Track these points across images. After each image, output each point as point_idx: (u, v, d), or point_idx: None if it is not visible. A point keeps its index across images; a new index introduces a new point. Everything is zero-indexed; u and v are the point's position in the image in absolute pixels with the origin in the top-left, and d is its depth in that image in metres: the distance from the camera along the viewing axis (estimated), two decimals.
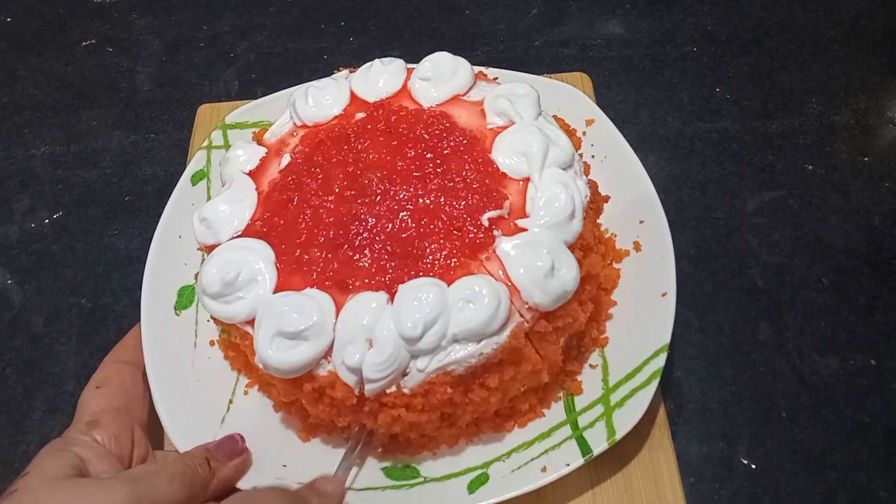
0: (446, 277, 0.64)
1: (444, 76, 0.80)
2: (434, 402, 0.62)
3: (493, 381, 0.63)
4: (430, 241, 0.68)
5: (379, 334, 0.60)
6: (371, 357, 0.60)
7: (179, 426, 0.71)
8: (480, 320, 0.60)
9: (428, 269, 0.66)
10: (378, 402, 0.63)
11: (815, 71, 1.07)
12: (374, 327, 0.61)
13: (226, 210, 0.72)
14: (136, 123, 1.07)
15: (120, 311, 0.90)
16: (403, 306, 0.60)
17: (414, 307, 0.60)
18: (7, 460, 0.80)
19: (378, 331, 0.60)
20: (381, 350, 0.60)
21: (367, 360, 0.60)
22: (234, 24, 1.18)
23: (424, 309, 0.60)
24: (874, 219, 0.91)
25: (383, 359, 0.60)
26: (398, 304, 0.61)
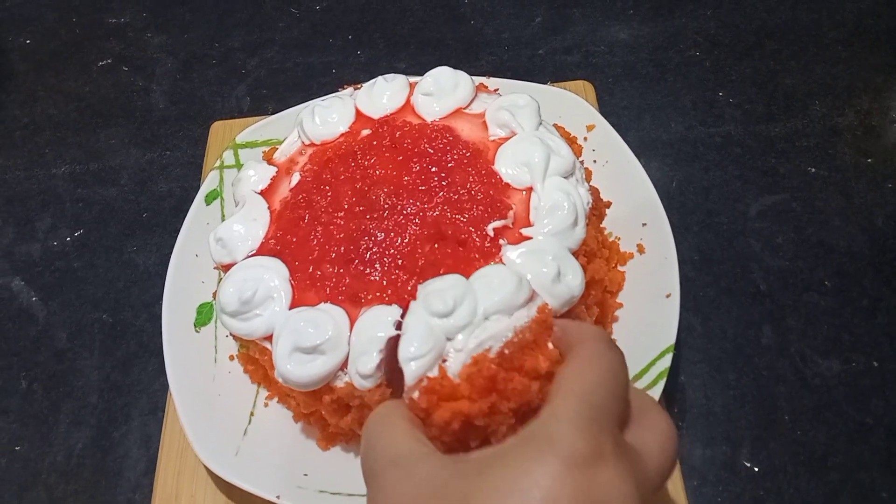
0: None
1: (445, 90, 0.82)
2: (481, 383, 0.55)
3: (531, 363, 0.57)
4: (438, 253, 0.70)
5: (407, 321, 0.59)
6: (404, 340, 0.58)
7: (203, 439, 0.74)
8: (508, 290, 0.59)
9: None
10: (428, 393, 0.56)
11: (818, 73, 1.08)
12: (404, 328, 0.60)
13: (240, 230, 0.75)
14: (152, 141, 1.10)
15: (140, 326, 0.93)
16: (429, 293, 0.59)
17: (438, 288, 0.59)
18: (35, 472, 0.84)
19: (406, 320, 0.60)
20: (413, 331, 0.58)
21: (402, 344, 0.58)
22: (245, 40, 1.21)
23: (450, 289, 0.59)
24: (877, 220, 0.92)
25: (418, 337, 0.58)
26: (422, 294, 0.60)
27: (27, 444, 0.85)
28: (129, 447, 0.85)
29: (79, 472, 0.83)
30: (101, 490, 0.82)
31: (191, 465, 0.79)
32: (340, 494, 0.72)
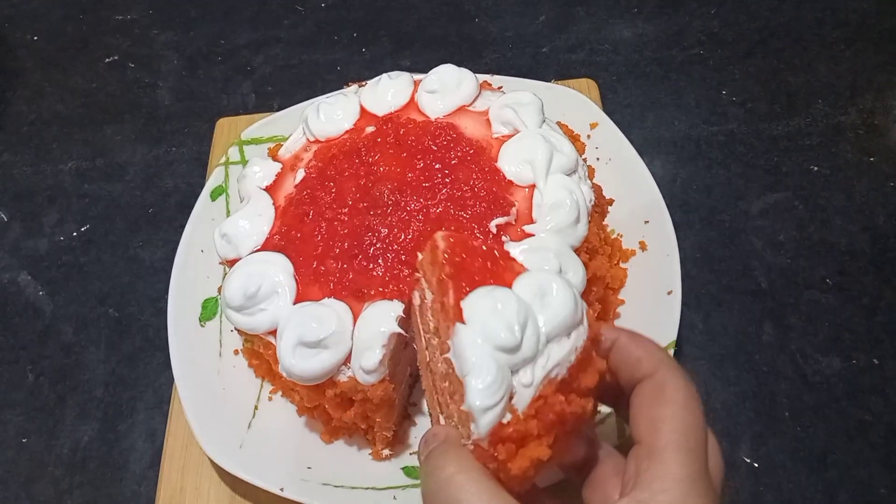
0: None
1: (449, 88, 0.83)
2: (551, 419, 0.50)
3: (587, 380, 0.52)
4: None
5: (469, 356, 0.49)
6: (473, 384, 0.48)
7: (208, 432, 0.75)
8: (568, 308, 0.52)
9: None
10: (505, 442, 0.48)
11: (822, 71, 1.08)
12: (460, 354, 0.50)
13: (245, 225, 0.76)
14: (158, 137, 1.11)
15: (146, 320, 0.94)
16: (486, 317, 0.50)
17: (498, 312, 0.50)
18: (41, 464, 0.85)
19: (466, 353, 0.49)
20: (481, 371, 0.48)
21: (471, 389, 0.48)
22: (251, 37, 1.22)
23: (510, 311, 0.50)
24: (879, 219, 0.93)
25: (490, 380, 0.48)
26: (476, 318, 0.50)
27: (34, 436, 0.86)
28: (134, 440, 0.85)
29: (85, 465, 0.84)
30: (106, 482, 0.83)
31: (196, 458, 0.80)
32: (343, 487, 0.73)
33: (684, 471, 0.44)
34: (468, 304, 0.51)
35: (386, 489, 0.73)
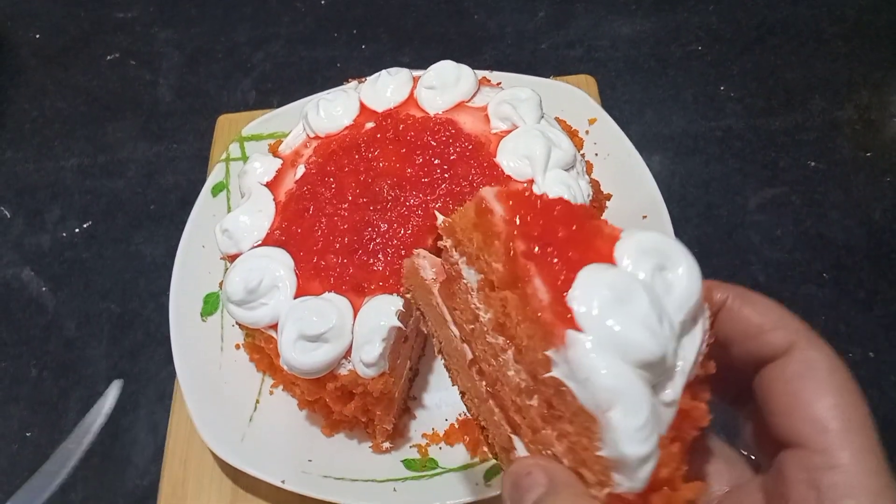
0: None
1: (448, 84, 0.83)
2: (690, 436, 0.39)
3: (708, 366, 0.41)
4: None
5: (607, 383, 0.36)
6: (624, 424, 0.36)
7: (210, 425, 0.76)
8: (697, 284, 0.40)
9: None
10: (660, 488, 0.38)
11: (819, 67, 1.09)
12: (588, 379, 0.36)
13: (246, 221, 0.76)
14: (159, 134, 1.12)
15: (147, 316, 0.95)
16: (613, 320, 0.37)
17: (627, 309, 0.37)
18: (45, 456, 0.85)
19: (601, 380, 0.36)
20: (632, 405, 0.36)
21: (621, 432, 0.36)
22: (251, 35, 1.22)
23: (642, 307, 0.38)
24: (875, 214, 0.93)
25: (644, 417, 0.36)
26: (597, 323, 0.37)
27: (38, 430, 0.87)
28: (137, 434, 0.86)
29: (88, 459, 0.85)
30: (109, 476, 0.84)
31: (198, 452, 0.81)
32: (344, 480, 0.74)
33: (878, 481, 0.35)
34: (578, 301, 0.37)
35: (386, 481, 0.74)
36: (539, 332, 0.38)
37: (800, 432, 0.37)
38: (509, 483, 0.40)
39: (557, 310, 0.37)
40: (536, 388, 0.41)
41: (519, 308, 0.40)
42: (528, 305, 0.39)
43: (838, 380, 0.38)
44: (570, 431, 0.38)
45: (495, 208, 0.41)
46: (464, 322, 0.47)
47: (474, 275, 0.45)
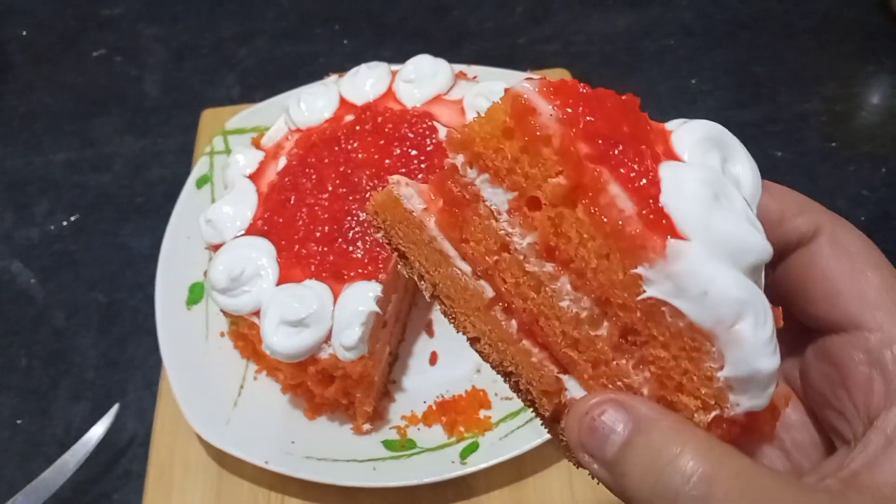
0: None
1: (425, 78, 0.86)
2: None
3: None
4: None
5: (731, 292, 0.32)
6: (753, 337, 0.32)
7: (196, 409, 0.78)
8: (758, 174, 0.37)
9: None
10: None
11: (788, 61, 1.12)
12: (706, 292, 0.32)
13: (229, 211, 0.79)
14: (145, 129, 1.14)
15: (135, 306, 0.97)
16: (713, 221, 0.33)
17: (723, 206, 0.33)
18: (36, 443, 0.88)
19: (725, 290, 0.32)
20: (757, 313, 0.32)
21: (751, 345, 0.32)
22: (235, 30, 1.25)
23: (736, 201, 0.34)
24: (839, 202, 0.97)
25: (771, 326, 0.33)
26: (700, 226, 0.32)
27: (28, 417, 0.89)
28: (125, 420, 0.88)
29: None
30: (99, 460, 0.86)
31: (184, 436, 0.83)
32: (326, 460, 0.76)
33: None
34: (676, 204, 0.33)
35: (367, 461, 0.77)
36: (622, 246, 0.33)
37: (850, 314, 0.36)
38: (581, 429, 0.35)
39: (650, 218, 0.32)
40: (608, 315, 0.36)
41: (585, 224, 0.35)
42: (603, 218, 0.34)
43: (875, 256, 0.37)
44: (664, 356, 0.34)
45: (540, 106, 0.35)
46: (482, 254, 0.40)
47: (503, 194, 0.38)
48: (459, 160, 0.39)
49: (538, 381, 0.39)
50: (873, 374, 0.35)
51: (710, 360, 0.33)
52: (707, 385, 0.33)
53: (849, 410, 0.36)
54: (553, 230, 0.36)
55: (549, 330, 0.38)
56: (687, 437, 0.32)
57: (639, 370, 0.36)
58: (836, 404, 0.37)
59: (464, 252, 0.41)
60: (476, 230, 0.40)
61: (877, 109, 1.06)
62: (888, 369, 0.34)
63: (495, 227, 0.39)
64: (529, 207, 0.37)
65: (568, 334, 0.37)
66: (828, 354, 0.37)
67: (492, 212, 0.39)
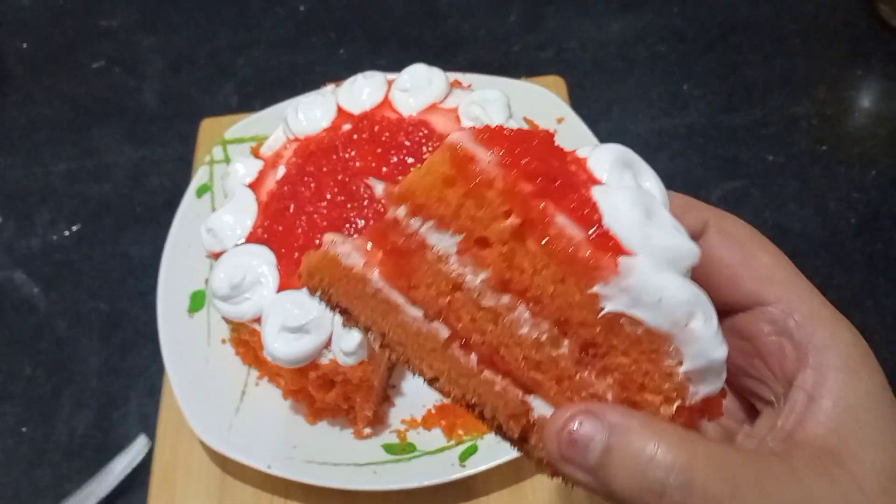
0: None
1: (421, 86, 0.88)
2: None
3: None
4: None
5: (677, 295, 0.35)
6: (704, 331, 0.36)
7: (198, 415, 0.80)
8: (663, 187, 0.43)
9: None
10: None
11: (778, 65, 1.14)
12: (661, 299, 0.35)
13: (230, 220, 0.80)
14: (144, 138, 1.15)
15: (136, 314, 0.98)
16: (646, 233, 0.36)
17: (662, 225, 0.37)
18: (40, 451, 0.89)
19: (673, 294, 0.35)
20: (705, 308, 0.36)
21: (704, 338, 0.36)
22: (232, 40, 1.26)
23: (665, 215, 0.38)
24: (830, 203, 0.98)
25: (716, 321, 0.36)
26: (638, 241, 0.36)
27: (32, 425, 0.91)
28: (128, 427, 0.90)
29: (82, 451, 0.89)
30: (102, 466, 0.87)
31: (186, 442, 0.84)
32: (327, 464, 0.78)
33: (830, 310, 0.40)
34: (618, 226, 0.36)
35: (367, 465, 0.78)
36: (577, 270, 0.36)
37: (750, 293, 0.40)
38: (561, 443, 0.37)
39: (598, 241, 0.36)
40: (568, 334, 0.38)
41: (538, 254, 0.37)
42: (555, 247, 0.36)
43: (761, 239, 0.42)
44: (626, 362, 0.37)
45: (478, 153, 0.38)
46: (434, 297, 0.41)
47: (450, 238, 0.40)
48: (401, 212, 0.41)
49: (504, 407, 0.40)
50: (782, 342, 0.40)
51: (669, 358, 0.36)
52: (668, 381, 0.37)
53: (767, 376, 0.41)
54: (506, 265, 0.39)
55: (510, 357, 0.40)
56: (659, 433, 0.35)
57: (601, 378, 0.39)
58: (753, 373, 0.42)
59: (413, 298, 0.42)
60: (425, 275, 0.41)
61: (866, 112, 1.07)
62: (794, 335, 0.39)
63: (445, 270, 0.40)
64: (479, 247, 0.39)
65: (530, 358, 0.40)
66: (739, 331, 0.41)
67: (440, 256, 0.40)
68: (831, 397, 0.38)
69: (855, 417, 0.37)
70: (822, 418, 0.38)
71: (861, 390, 0.38)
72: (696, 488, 0.34)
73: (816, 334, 0.39)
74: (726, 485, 0.34)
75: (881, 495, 0.35)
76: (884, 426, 0.37)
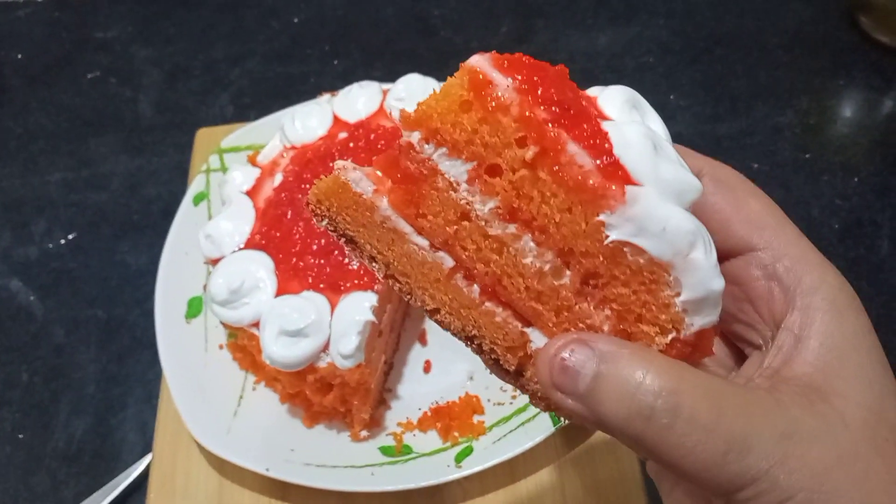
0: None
1: (416, 96, 0.89)
2: None
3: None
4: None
5: (680, 226, 0.37)
6: (705, 261, 0.37)
7: (197, 420, 0.81)
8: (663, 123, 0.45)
9: None
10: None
11: (762, 76, 1.17)
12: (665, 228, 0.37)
13: (228, 227, 0.82)
14: (140, 148, 1.17)
15: (133, 321, 0.99)
16: (653, 165, 0.37)
17: (667, 159, 0.38)
18: (38, 457, 0.89)
19: (677, 225, 0.37)
20: (705, 241, 0.38)
21: (703, 269, 0.37)
22: (227, 52, 1.28)
23: (671, 150, 0.39)
24: (813, 210, 1.01)
25: (715, 253, 0.38)
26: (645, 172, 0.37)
27: (29, 432, 0.91)
28: (126, 432, 0.90)
29: (79, 457, 0.89)
30: (100, 472, 0.88)
31: (185, 447, 0.85)
32: (325, 466, 0.79)
33: (818, 255, 0.41)
34: (627, 156, 0.37)
35: (364, 467, 0.79)
36: (585, 198, 0.37)
37: (741, 238, 0.41)
38: (552, 370, 0.38)
39: (608, 170, 0.36)
40: (571, 264, 0.39)
41: (548, 182, 0.38)
42: (565, 175, 0.37)
43: (752, 187, 0.43)
44: (625, 292, 0.38)
45: (496, 78, 0.38)
46: (441, 226, 0.42)
47: (462, 165, 0.40)
48: (415, 137, 0.41)
49: (503, 339, 0.42)
50: (771, 286, 0.41)
51: (668, 288, 0.37)
52: (665, 311, 0.38)
53: (755, 320, 0.42)
54: (515, 193, 0.39)
55: (512, 288, 0.41)
56: (649, 361, 0.36)
57: (599, 310, 0.40)
58: (742, 318, 0.43)
59: (420, 227, 0.42)
60: (434, 203, 0.41)
61: (848, 122, 1.10)
62: (783, 279, 0.40)
63: (454, 198, 0.41)
64: (490, 175, 0.40)
65: (532, 288, 0.40)
66: (730, 276, 0.42)
67: (451, 183, 0.41)
68: (818, 337, 0.39)
69: (840, 356, 0.39)
70: (809, 357, 0.39)
71: (847, 331, 0.39)
72: (683, 412, 0.35)
73: (804, 278, 0.40)
74: (713, 410, 0.35)
75: (863, 429, 0.37)
76: (868, 365, 0.39)
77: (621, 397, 0.36)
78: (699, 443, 0.35)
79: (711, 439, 0.35)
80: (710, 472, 0.35)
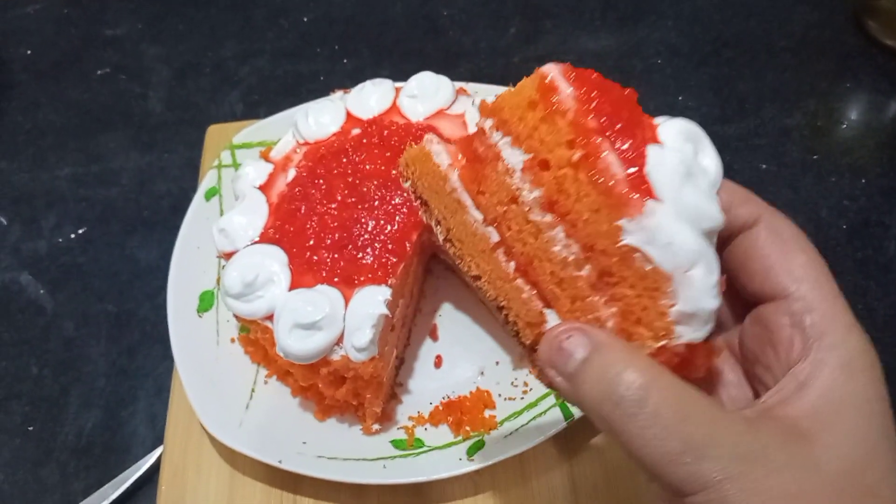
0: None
1: (428, 93, 0.90)
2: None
3: None
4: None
5: (685, 243, 0.41)
6: (704, 281, 0.42)
7: (209, 412, 0.81)
8: (721, 168, 0.47)
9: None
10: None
11: (770, 78, 1.17)
12: (669, 241, 0.41)
13: (241, 221, 0.82)
14: (150, 144, 1.17)
15: (143, 315, 0.99)
16: (680, 191, 0.42)
17: (690, 180, 0.43)
18: (48, 450, 0.89)
19: (681, 241, 0.41)
20: (709, 263, 0.42)
21: (701, 286, 0.42)
22: (237, 50, 1.28)
23: (704, 183, 0.44)
24: (821, 211, 1.01)
25: (717, 272, 0.42)
26: (669, 193, 0.42)
27: (39, 424, 0.91)
28: (136, 426, 0.91)
29: (89, 450, 0.89)
30: (110, 465, 0.88)
31: (196, 440, 0.85)
32: (337, 459, 0.79)
33: (848, 318, 0.42)
34: (656, 174, 0.41)
35: (376, 460, 0.79)
36: (610, 203, 0.42)
37: (780, 286, 0.43)
38: (551, 349, 0.43)
39: (634, 182, 0.41)
40: (591, 259, 0.44)
41: (584, 183, 0.43)
42: (598, 179, 0.42)
43: (802, 242, 0.45)
44: (630, 294, 0.43)
45: (561, 86, 0.44)
46: (494, 204, 0.49)
47: (520, 155, 0.47)
48: (488, 124, 0.48)
49: (525, 314, 0.48)
50: (794, 334, 0.43)
51: (666, 298, 0.41)
52: (660, 319, 0.42)
53: (773, 364, 0.44)
54: (557, 187, 0.45)
55: (540, 270, 0.47)
56: (632, 358, 0.40)
57: (607, 306, 0.44)
58: (763, 360, 0.45)
59: (478, 202, 0.50)
60: (492, 184, 0.48)
61: (855, 124, 1.11)
62: (807, 331, 0.42)
63: (509, 183, 0.47)
64: (540, 167, 0.45)
65: (556, 274, 0.46)
66: (761, 319, 0.45)
67: (508, 169, 0.47)
68: (820, 390, 0.40)
69: (837, 412, 0.40)
70: (805, 405, 0.40)
71: (853, 392, 0.40)
72: (648, 406, 0.38)
73: (828, 335, 0.42)
74: (678, 413, 0.37)
75: (838, 479, 0.38)
76: (865, 427, 0.39)
77: (599, 383, 0.39)
78: (657, 437, 0.37)
79: (670, 437, 0.37)
80: (664, 468, 0.37)
